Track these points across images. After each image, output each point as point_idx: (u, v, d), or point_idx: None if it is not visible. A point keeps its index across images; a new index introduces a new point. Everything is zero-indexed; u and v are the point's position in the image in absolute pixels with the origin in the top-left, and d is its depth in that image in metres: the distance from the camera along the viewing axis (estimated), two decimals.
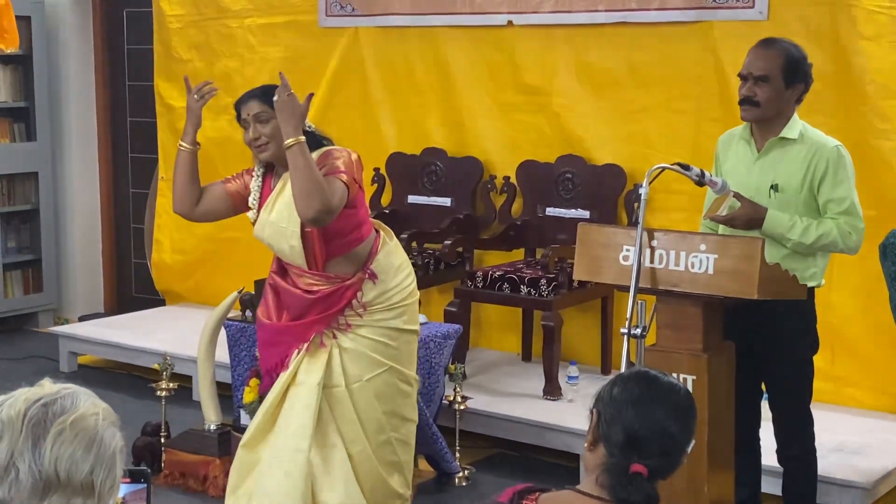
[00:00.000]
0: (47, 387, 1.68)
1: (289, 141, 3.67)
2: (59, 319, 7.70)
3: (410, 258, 5.83)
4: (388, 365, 3.87)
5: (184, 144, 4.02)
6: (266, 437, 3.90)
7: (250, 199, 3.96)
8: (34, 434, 1.62)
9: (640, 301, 3.56)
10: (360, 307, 3.83)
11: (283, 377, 3.87)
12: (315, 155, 3.80)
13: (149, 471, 1.89)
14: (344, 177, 3.74)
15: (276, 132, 3.81)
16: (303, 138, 3.67)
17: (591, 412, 2.34)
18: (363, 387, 3.84)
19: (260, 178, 3.97)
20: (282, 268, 3.95)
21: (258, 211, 3.93)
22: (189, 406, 5.66)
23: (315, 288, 3.83)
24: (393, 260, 3.94)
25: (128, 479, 1.84)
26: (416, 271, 5.75)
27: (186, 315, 6.89)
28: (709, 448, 3.62)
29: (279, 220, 3.84)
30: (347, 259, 3.86)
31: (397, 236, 5.94)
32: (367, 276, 3.85)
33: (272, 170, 3.98)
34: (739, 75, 3.95)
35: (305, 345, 3.84)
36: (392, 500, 3.96)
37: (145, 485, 1.86)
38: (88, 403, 1.67)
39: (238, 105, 3.94)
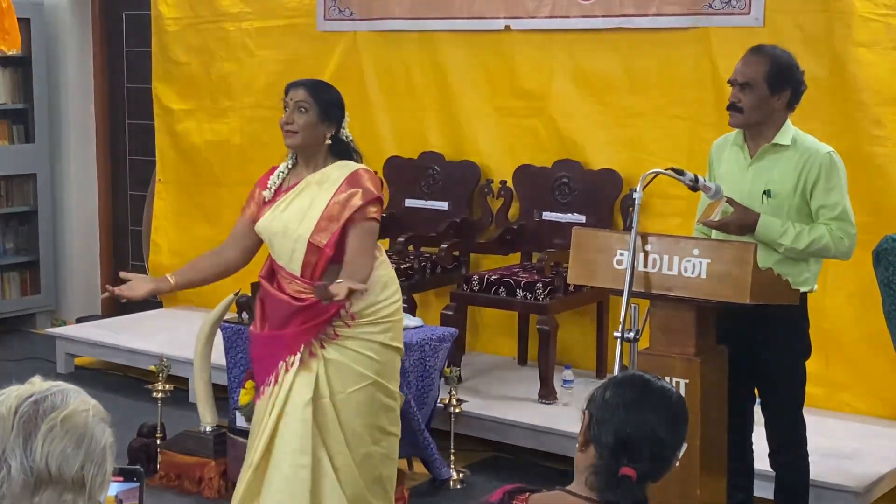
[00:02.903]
0: (38, 384, 1.69)
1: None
2: (56, 321, 7.71)
3: (407, 262, 5.88)
4: (372, 378, 3.82)
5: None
6: (270, 457, 3.84)
7: (269, 181, 3.93)
8: (25, 430, 1.63)
9: (633, 305, 3.57)
10: (349, 317, 3.78)
11: (279, 393, 3.80)
12: (340, 170, 3.83)
13: (142, 469, 1.91)
14: (376, 214, 3.79)
15: (307, 128, 3.83)
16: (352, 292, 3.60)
17: (584, 413, 2.35)
18: (347, 399, 3.80)
19: (287, 169, 3.95)
20: (271, 271, 3.92)
21: (273, 198, 3.91)
22: (185, 408, 5.67)
23: (303, 295, 3.79)
24: (382, 273, 3.89)
25: (121, 478, 1.85)
26: (412, 275, 5.82)
27: (183, 317, 6.90)
28: (701, 452, 3.63)
29: (290, 221, 3.83)
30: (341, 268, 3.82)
31: (394, 240, 6.01)
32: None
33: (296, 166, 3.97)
34: (728, 82, 3.99)
35: (296, 357, 3.79)
36: None
37: (138, 483, 1.87)
38: (78, 400, 1.68)
39: (289, 86, 3.92)
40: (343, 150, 3.88)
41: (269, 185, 3.94)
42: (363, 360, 3.82)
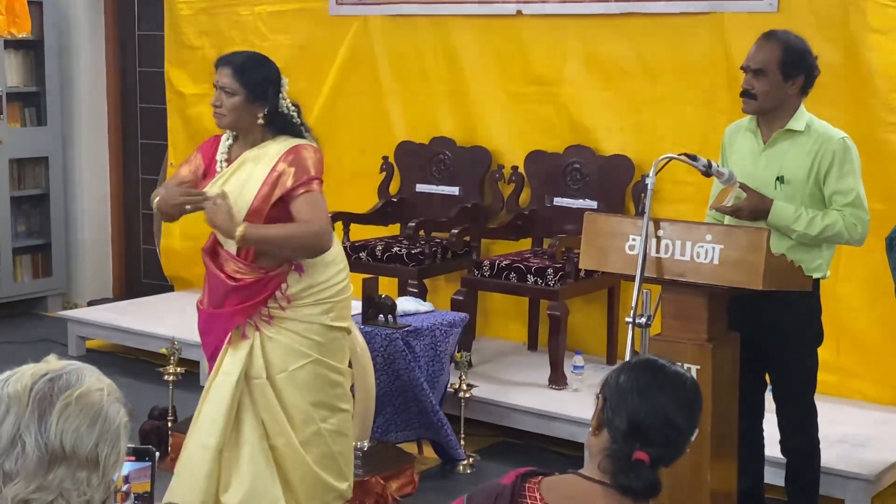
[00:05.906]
0: (53, 362, 1.70)
1: (236, 238, 3.62)
2: (67, 304, 7.73)
3: (418, 247, 5.87)
4: (313, 356, 3.75)
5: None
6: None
7: (218, 163, 3.82)
8: (40, 408, 1.64)
9: (645, 290, 3.57)
10: (284, 299, 3.71)
11: (213, 371, 3.82)
12: (282, 143, 3.73)
13: (154, 450, 1.91)
14: (317, 186, 3.70)
15: (235, 110, 3.72)
16: (242, 229, 3.61)
17: (598, 397, 2.35)
18: (288, 377, 3.74)
19: (230, 142, 3.84)
20: (214, 248, 3.86)
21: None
22: (196, 391, 5.63)
23: (239, 276, 3.74)
24: (325, 254, 3.78)
25: (133, 458, 1.86)
26: (423, 260, 5.81)
27: (194, 301, 6.85)
28: (712, 438, 3.63)
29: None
30: None
31: (405, 225, 5.99)
32: (293, 267, 3.72)
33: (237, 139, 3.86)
34: (741, 68, 3.97)
35: (229, 336, 3.76)
36: (326, 494, 3.85)
37: (150, 463, 1.88)
38: (93, 379, 1.69)
39: (217, 63, 3.79)
40: (283, 124, 3.77)
41: (217, 159, 3.82)
42: (302, 341, 3.75)
